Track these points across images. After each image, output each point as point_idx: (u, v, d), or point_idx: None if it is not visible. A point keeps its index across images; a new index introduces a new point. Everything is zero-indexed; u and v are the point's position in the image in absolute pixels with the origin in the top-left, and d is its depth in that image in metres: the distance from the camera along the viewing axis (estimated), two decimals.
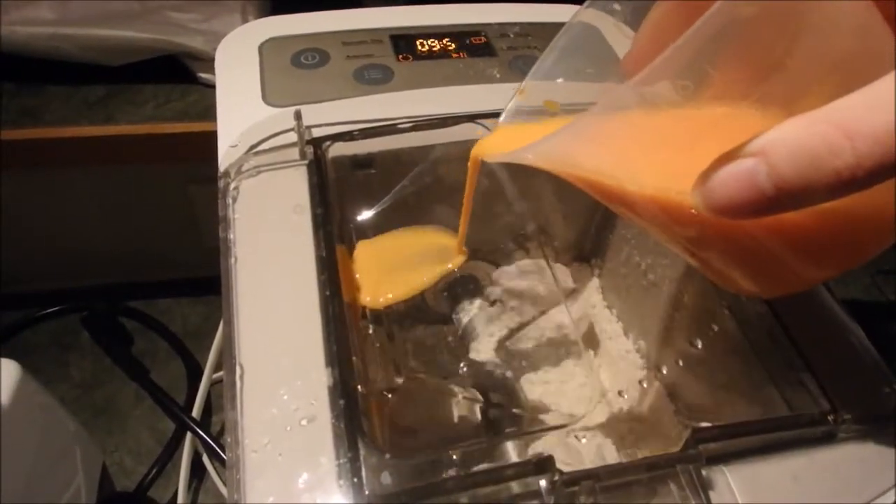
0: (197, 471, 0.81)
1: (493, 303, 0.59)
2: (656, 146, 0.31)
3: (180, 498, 0.77)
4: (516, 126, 0.42)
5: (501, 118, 0.43)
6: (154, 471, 0.80)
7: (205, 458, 0.80)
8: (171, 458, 0.81)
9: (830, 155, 0.24)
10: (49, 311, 0.91)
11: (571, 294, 0.62)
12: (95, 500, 0.66)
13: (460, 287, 0.58)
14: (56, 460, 0.61)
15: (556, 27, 0.70)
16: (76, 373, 0.89)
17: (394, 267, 0.51)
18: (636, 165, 0.32)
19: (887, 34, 0.26)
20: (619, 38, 0.39)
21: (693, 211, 0.28)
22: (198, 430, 0.78)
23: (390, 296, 0.50)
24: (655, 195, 0.31)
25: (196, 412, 0.81)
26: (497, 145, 0.42)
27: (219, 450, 0.76)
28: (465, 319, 0.57)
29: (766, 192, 0.25)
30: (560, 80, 0.42)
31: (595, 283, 0.63)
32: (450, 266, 0.51)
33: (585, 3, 0.40)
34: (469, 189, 0.46)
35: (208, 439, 0.77)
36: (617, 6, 0.39)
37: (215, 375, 0.80)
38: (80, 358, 0.90)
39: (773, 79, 0.28)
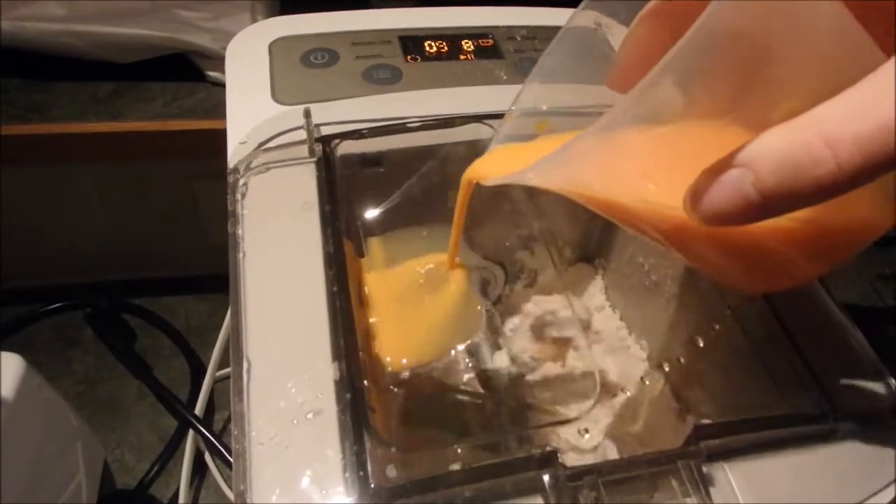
0: (199, 469, 0.81)
1: (496, 301, 0.59)
2: (650, 163, 0.32)
3: (182, 496, 0.77)
4: (508, 147, 0.43)
5: (493, 142, 0.44)
6: (156, 468, 0.80)
7: (207, 456, 0.80)
8: (172, 456, 0.82)
9: (812, 164, 0.25)
10: (53, 306, 0.92)
11: (575, 293, 0.62)
12: (96, 498, 0.66)
13: None
14: (58, 456, 0.61)
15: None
16: (79, 369, 0.89)
17: (412, 321, 0.50)
18: (630, 182, 0.33)
19: (863, 35, 0.27)
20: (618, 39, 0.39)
21: (682, 221, 0.30)
22: (200, 427, 0.79)
23: (408, 361, 0.49)
24: (649, 210, 0.33)
25: (199, 410, 0.81)
26: (492, 168, 0.43)
27: (221, 448, 0.76)
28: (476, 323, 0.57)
29: (753, 202, 0.26)
30: (558, 85, 0.42)
31: (599, 282, 0.64)
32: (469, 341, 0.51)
33: (582, 5, 0.40)
34: (460, 211, 0.46)
35: (210, 437, 0.77)
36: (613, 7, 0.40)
37: (218, 373, 0.81)
38: (83, 354, 0.90)
39: (757, 90, 0.29)
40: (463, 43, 0.66)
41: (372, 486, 0.35)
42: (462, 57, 0.65)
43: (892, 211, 0.33)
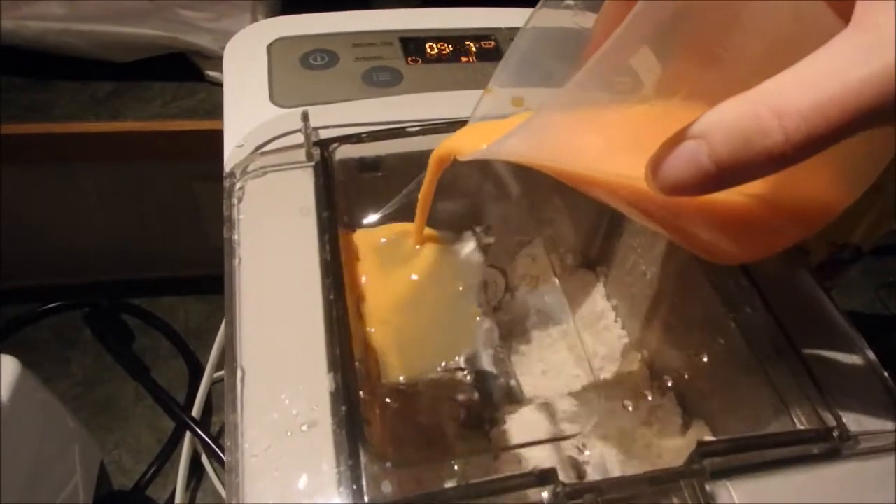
0: (195, 470, 0.81)
1: (497, 308, 0.59)
2: (614, 136, 0.33)
3: (178, 497, 0.76)
4: (482, 124, 0.43)
5: (471, 118, 0.44)
6: (152, 469, 0.80)
7: (203, 458, 0.80)
8: (169, 458, 0.81)
9: (761, 135, 0.25)
10: (51, 306, 0.91)
11: (577, 300, 0.61)
12: (92, 500, 0.66)
13: None
14: (55, 458, 0.60)
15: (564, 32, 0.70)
16: (77, 369, 0.88)
17: (409, 331, 0.49)
18: (598, 155, 0.33)
19: (823, 10, 0.27)
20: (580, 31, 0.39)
21: (647, 193, 0.30)
22: (197, 429, 0.78)
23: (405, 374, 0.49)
24: (616, 182, 0.34)
25: (196, 412, 0.81)
26: (465, 143, 0.43)
27: (218, 450, 0.76)
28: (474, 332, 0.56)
29: (709, 172, 0.27)
30: (533, 64, 0.42)
31: (600, 289, 0.63)
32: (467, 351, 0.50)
33: (539, 4, 0.41)
34: (429, 187, 0.47)
35: (207, 439, 0.77)
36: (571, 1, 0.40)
37: (216, 375, 0.80)
38: (81, 354, 0.90)
39: (717, 66, 0.29)
40: (465, 45, 0.65)
41: (366, 501, 0.34)
42: (464, 59, 0.64)
43: (849, 187, 0.34)
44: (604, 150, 0.33)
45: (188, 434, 0.79)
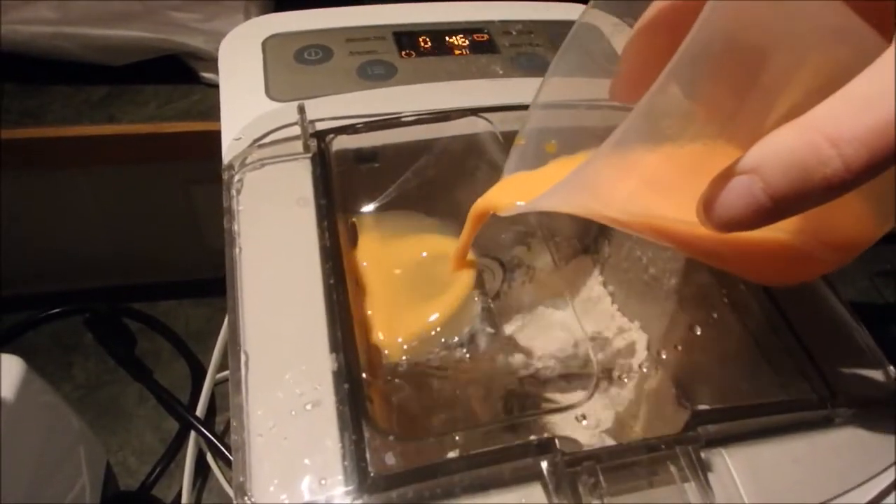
0: (201, 470, 0.81)
1: (495, 297, 0.59)
2: (662, 180, 0.32)
3: (184, 497, 0.77)
4: (519, 175, 0.44)
5: (505, 171, 0.44)
6: (158, 470, 0.80)
7: (209, 458, 0.80)
8: (174, 458, 0.82)
9: (819, 164, 0.25)
10: (52, 312, 0.91)
11: (574, 287, 0.62)
12: (99, 500, 0.66)
13: None
14: (60, 459, 0.61)
15: (559, 25, 0.70)
16: (79, 374, 0.89)
17: (408, 309, 0.50)
18: (644, 200, 0.33)
19: (867, 31, 0.27)
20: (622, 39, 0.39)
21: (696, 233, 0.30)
22: (202, 428, 0.78)
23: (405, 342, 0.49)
24: (666, 226, 0.33)
25: (200, 412, 0.81)
26: (506, 196, 0.43)
27: (223, 449, 0.76)
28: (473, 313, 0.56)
29: (764, 205, 0.26)
30: (563, 105, 0.43)
31: (597, 276, 0.63)
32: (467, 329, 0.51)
33: (590, 4, 0.40)
34: (466, 241, 0.47)
35: (213, 438, 0.77)
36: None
37: (219, 375, 0.80)
38: (83, 359, 0.90)
39: (761, 96, 0.29)
40: (458, 38, 0.66)
41: (371, 474, 0.35)
42: (457, 52, 0.65)
43: (887, 215, 0.33)
44: (650, 194, 0.33)
45: (193, 434, 0.80)
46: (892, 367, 0.44)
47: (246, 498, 0.34)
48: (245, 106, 0.56)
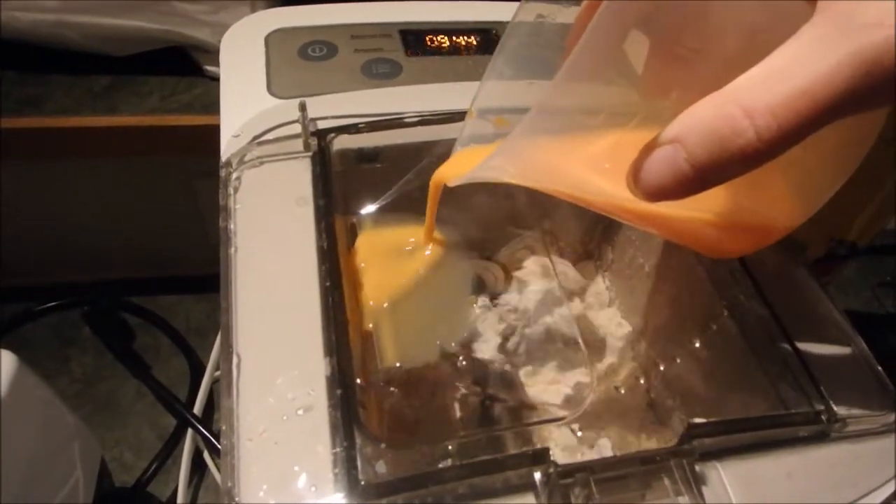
0: (197, 467, 0.81)
1: (495, 298, 0.59)
2: (597, 154, 0.33)
3: (180, 495, 0.76)
4: (471, 149, 0.44)
5: (456, 145, 0.45)
6: (154, 466, 0.79)
7: (206, 455, 0.80)
8: (171, 454, 0.81)
9: (734, 135, 0.26)
10: (50, 305, 0.91)
11: (575, 292, 0.61)
12: (93, 496, 0.65)
13: None
14: (54, 454, 0.60)
15: (566, 26, 0.69)
16: (77, 368, 0.88)
17: (405, 317, 0.49)
18: (580, 174, 0.34)
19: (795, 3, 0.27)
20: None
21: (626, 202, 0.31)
22: (199, 426, 0.78)
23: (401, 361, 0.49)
24: (601, 199, 0.34)
25: (198, 409, 0.81)
26: (456, 169, 0.44)
27: (220, 446, 0.76)
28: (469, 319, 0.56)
29: (687, 174, 0.27)
30: (512, 82, 0.44)
31: (599, 281, 0.63)
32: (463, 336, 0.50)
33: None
34: (430, 213, 0.48)
35: (209, 436, 0.77)
36: None
37: (217, 373, 0.80)
38: (81, 353, 0.89)
39: (691, 66, 0.30)
40: (465, 38, 0.65)
41: (362, 482, 0.34)
42: (464, 52, 0.64)
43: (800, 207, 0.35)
44: (587, 168, 0.34)
45: (190, 431, 0.79)
46: (889, 382, 0.44)
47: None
48: (246, 101, 0.55)
